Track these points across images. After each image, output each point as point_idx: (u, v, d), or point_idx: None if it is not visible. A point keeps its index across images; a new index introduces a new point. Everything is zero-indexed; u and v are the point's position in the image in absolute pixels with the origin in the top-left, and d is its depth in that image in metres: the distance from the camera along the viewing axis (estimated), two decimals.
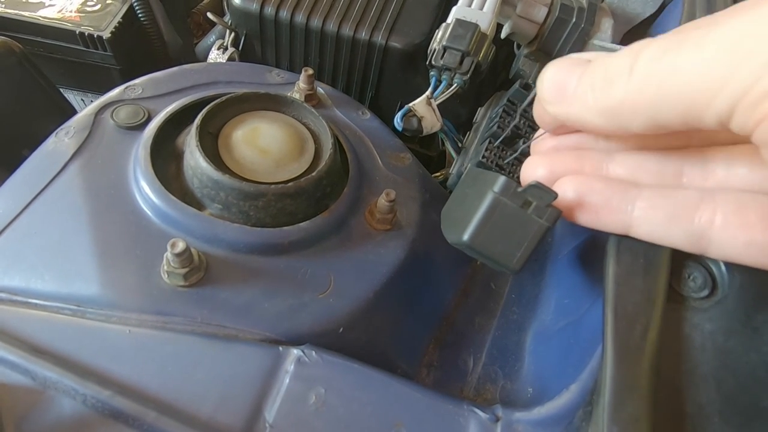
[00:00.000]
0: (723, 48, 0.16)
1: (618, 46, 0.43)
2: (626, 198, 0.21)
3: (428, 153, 0.57)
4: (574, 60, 0.21)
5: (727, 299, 0.23)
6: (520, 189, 0.23)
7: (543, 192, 0.22)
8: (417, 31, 0.47)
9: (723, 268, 0.24)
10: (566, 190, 0.23)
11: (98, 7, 0.52)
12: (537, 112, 0.24)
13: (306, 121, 0.37)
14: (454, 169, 0.43)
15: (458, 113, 0.52)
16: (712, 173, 0.22)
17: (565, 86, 0.21)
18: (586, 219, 0.23)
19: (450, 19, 0.41)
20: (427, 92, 0.41)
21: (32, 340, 0.27)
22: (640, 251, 0.23)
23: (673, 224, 0.21)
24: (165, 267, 0.29)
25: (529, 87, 0.42)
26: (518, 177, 0.38)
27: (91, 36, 0.50)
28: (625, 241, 0.23)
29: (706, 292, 0.23)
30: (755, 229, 0.19)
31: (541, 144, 0.25)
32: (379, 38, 0.47)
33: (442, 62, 0.39)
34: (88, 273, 0.29)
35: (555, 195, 0.22)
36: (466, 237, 0.23)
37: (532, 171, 0.24)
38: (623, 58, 0.19)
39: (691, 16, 0.37)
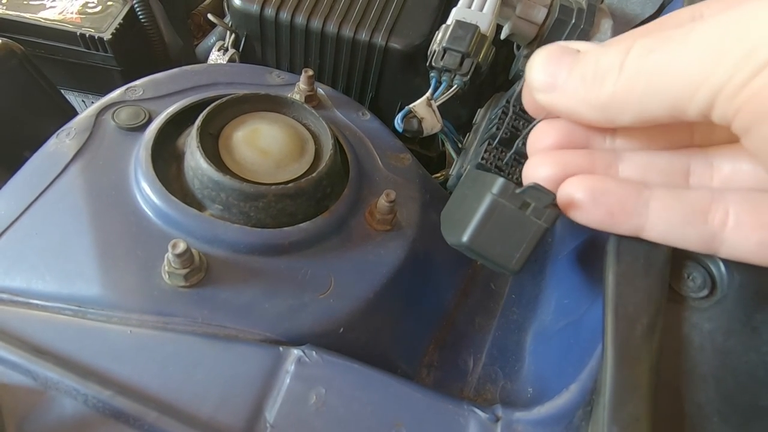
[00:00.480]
0: (703, 46, 0.17)
1: None
2: (640, 200, 0.21)
3: (428, 154, 0.57)
4: (563, 49, 0.22)
5: (726, 299, 0.23)
6: (518, 190, 0.23)
7: (541, 193, 0.22)
8: (417, 33, 0.47)
9: (722, 267, 0.24)
10: (577, 191, 0.22)
11: (99, 8, 0.53)
12: (525, 98, 0.24)
13: (306, 122, 0.37)
14: (454, 170, 0.43)
15: (458, 114, 0.52)
16: (719, 170, 0.22)
17: (555, 76, 0.21)
18: (599, 221, 0.22)
19: (450, 20, 0.41)
20: (428, 93, 0.41)
21: (33, 341, 0.27)
22: (640, 252, 0.23)
23: (687, 226, 0.21)
24: (166, 267, 0.29)
25: None
26: (517, 178, 0.38)
27: (91, 37, 0.50)
28: (626, 241, 0.23)
29: (705, 292, 0.23)
30: (767, 229, 0.19)
31: (539, 140, 0.25)
32: (379, 39, 0.47)
33: (442, 63, 0.40)
34: (89, 274, 0.29)
35: (553, 196, 0.22)
36: (465, 238, 0.23)
37: (536, 171, 0.24)
38: (614, 55, 0.19)
39: None
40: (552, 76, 0.21)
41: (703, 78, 0.17)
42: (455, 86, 0.41)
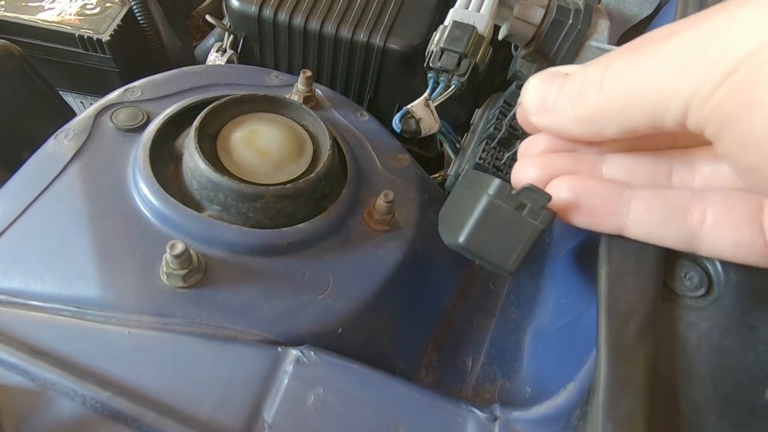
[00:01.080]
0: (673, 60, 0.18)
1: (615, 47, 0.44)
2: (622, 199, 0.22)
3: (426, 154, 0.57)
4: (553, 73, 0.23)
5: (723, 298, 0.23)
6: (514, 192, 0.23)
7: (537, 194, 0.22)
8: (415, 33, 0.47)
9: (719, 266, 0.24)
10: (562, 191, 0.23)
11: (97, 10, 0.53)
12: (521, 119, 0.26)
13: (304, 123, 0.37)
14: (452, 171, 0.43)
15: (456, 114, 0.52)
16: (700, 171, 0.23)
17: (546, 98, 0.23)
18: (582, 220, 0.23)
19: (447, 21, 0.41)
20: (425, 94, 0.41)
21: (32, 342, 0.27)
22: (631, 251, 0.23)
23: (667, 225, 0.22)
24: (164, 268, 0.29)
25: None
26: None
27: (90, 39, 0.50)
28: (616, 241, 0.23)
29: (702, 291, 0.23)
30: (743, 228, 0.20)
31: (530, 147, 0.26)
32: (378, 40, 0.47)
33: (439, 64, 0.40)
34: (88, 274, 0.29)
35: (549, 197, 0.22)
36: (461, 239, 0.24)
37: (523, 173, 0.25)
38: (595, 72, 0.21)
39: (684, 17, 0.37)
40: (543, 99, 0.23)
41: (675, 90, 0.18)
42: (453, 87, 0.41)
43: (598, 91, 0.20)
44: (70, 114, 0.52)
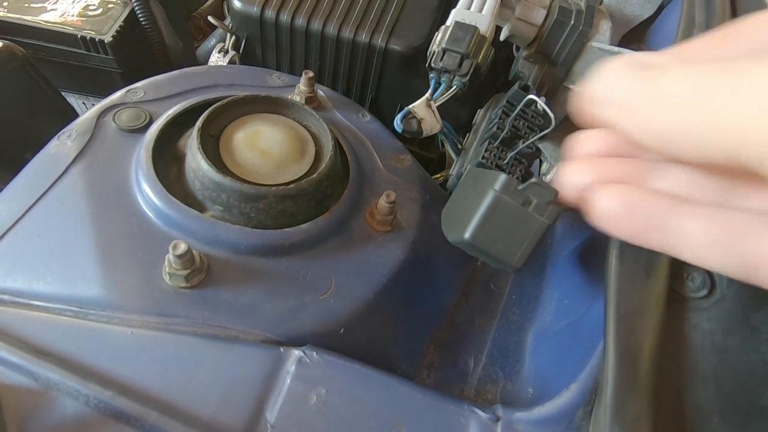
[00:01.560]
0: (762, 90, 0.15)
1: (617, 48, 0.44)
2: (676, 217, 0.19)
3: (428, 155, 0.57)
4: (639, 63, 0.19)
5: (725, 299, 0.23)
6: (520, 187, 0.23)
7: (543, 190, 0.22)
8: (417, 34, 0.47)
9: None
10: (610, 200, 0.20)
11: (100, 11, 0.53)
12: (576, 106, 0.22)
13: (306, 124, 0.38)
14: (453, 171, 0.43)
15: (458, 115, 0.52)
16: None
17: (628, 93, 0.19)
18: (629, 234, 0.21)
19: (449, 21, 0.41)
20: (427, 94, 0.41)
21: (35, 342, 0.27)
22: (642, 253, 0.23)
23: (725, 251, 0.18)
24: (167, 268, 0.29)
25: (527, 88, 0.43)
26: (517, 177, 0.38)
27: (92, 40, 0.51)
28: (624, 242, 0.23)
29: (704, 292, 0.23)
30: None
31: (583, 144, 0.23)
32: (379, 41, 0.47)
33: (441, 64, 0.40)
34: (90, 275, 0.29)
35: (555, 193, 0.22)
36: (467, 235, 0.23)
37: (573, 177, 0.22)
38: (687, 84, 0.17)
39: (690, 18, 0.37)
40: (624, 92, 0.19)
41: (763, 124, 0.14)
42: (454, 87, 0.41)
43: (689, 105, 0.17)
44: (73, 115, 0.52)
